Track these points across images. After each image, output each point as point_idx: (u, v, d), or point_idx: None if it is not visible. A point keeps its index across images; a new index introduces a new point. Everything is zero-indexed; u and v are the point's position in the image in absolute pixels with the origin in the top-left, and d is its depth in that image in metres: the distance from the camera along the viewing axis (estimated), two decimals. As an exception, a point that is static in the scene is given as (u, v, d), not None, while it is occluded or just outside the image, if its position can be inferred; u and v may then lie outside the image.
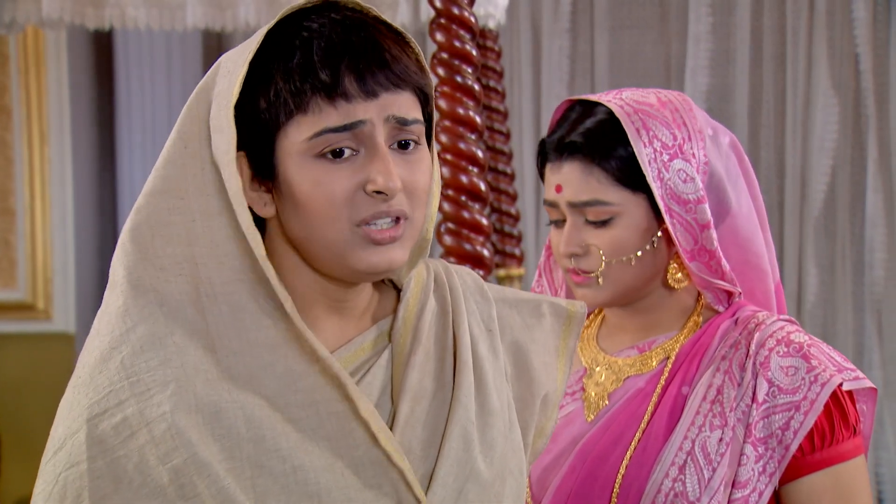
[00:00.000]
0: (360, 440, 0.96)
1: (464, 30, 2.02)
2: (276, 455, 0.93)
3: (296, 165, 0.95)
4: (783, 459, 1.25)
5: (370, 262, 0.96)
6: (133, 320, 0.95)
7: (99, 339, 0.97)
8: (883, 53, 3.47)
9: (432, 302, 1.06)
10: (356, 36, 0.95)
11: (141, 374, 0.93)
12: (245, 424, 0.93)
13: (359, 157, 0.95)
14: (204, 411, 0.93)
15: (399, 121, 0.96)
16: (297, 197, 0.96)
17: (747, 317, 1.33)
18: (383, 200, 0.95)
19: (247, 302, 0.97)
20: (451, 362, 1.04)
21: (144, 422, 0.92)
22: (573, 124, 1.33)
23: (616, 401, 1.34)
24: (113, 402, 0.93)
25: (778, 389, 1.26)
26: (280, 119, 0.95)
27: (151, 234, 0.98)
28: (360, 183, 0.95)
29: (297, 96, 0.94)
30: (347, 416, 0.96)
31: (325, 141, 0.94)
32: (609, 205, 1.29)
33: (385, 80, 0.95)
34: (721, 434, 1.26)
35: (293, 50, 0.95)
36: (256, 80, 0.95)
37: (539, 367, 1.11)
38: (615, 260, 1.30)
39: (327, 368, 0.97)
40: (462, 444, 1.00)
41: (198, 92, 1.01)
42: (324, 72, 0.94)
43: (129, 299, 0.96)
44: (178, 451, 0.91)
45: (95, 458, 0.92)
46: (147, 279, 0.97)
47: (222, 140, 0.96)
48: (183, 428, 0.92)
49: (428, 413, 1.01)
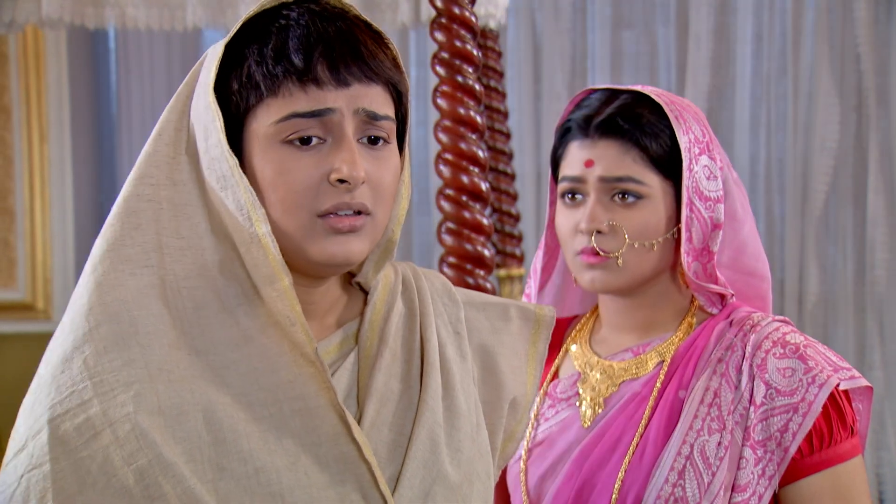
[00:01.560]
0: (326, 437, 0.96)
1: (465, 29, 2.01)
2: (238, 457, 0.93)
3: (261, 150, 0.95)
4: (782, 462, 1.24)
5: (328, 252, 0.96)
6: (96, 319, 0.94)
7: (63, 337, 0.96)
8: (884, 53, 3.46)
9: (400, 304, 1.06)
10: (333, 27, 0.96)
11: (104, 375, 0.92)
12: (206, 427, 0.92)
13: (325, 146, 0.96)
14: (166, 413, 0.92)
15: (369, 114, 0.96)
16: (259, 183, 0.95)
17: (742, 318, 1.32)
18: (346, 191, 0.95)
19: (210, 299, 0.96)
20: (419, 364, 1.04)
21: (108, 422, 0.91)
22: (603, 105, 1.33)
23: (612, 406, 1.32)
24: (76, 403, 0.92)
25: (776, 391, 1.25)
26: (250, 102, 0.95)
27: (121, 223, 0.98)
28: (325, 172, 0.95)
29: (268, 79, 0.94)
30: (315, 412, 0.96)
31: (293, 126, 0.94)
32: (642, 184, 1.29)
33: (358, 71, 0.96)
34: (720, 438, 1.25)
35: (269, 35, 0.95)
36: (231, 65, 0.96)
37: (507, 371, 1.11)
38: (638, 243, 1.29)
39: (306, 356, 0.96)
40: (429, 446, 1.00)
41: (183, 84, 1.02)
42: (297, 57, 0.94)
43: (93, 297, 0.95)
44: (143, 452, 0.90)
45: (59, 458, 0.91)
46: (112, 274, 0.96)
47: (211, 127, 0.96)
48: (146, 429, 0.91)
49: (394, 415, 1.01)
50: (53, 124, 3.52)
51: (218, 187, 0.96)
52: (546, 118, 3.71)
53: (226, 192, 0.95)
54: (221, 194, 0.96)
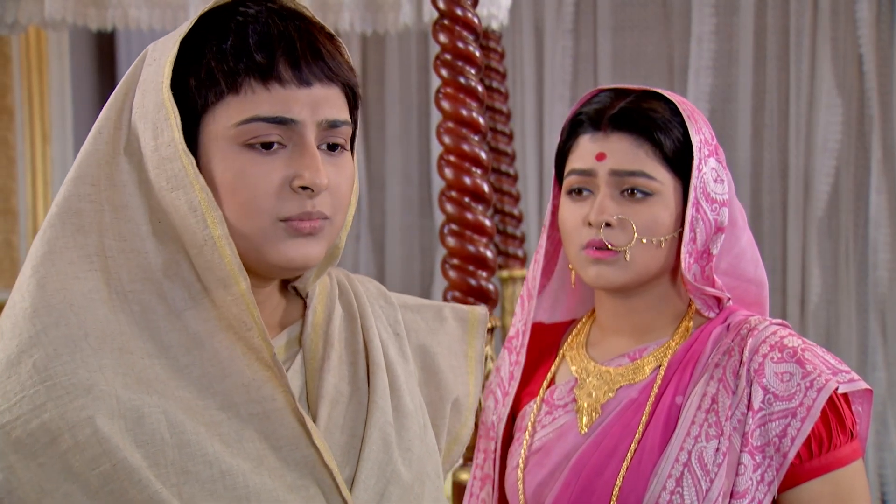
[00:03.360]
0: (285, 440, 0.94)
1: (467, 31, 2.01)
2: (202, 460, 0.90)
3: (220, 152, 0.93)
4: (781, 467, 1.23)
5: (287, 255, 0.94)
6: (43, 322, 0.90)
7: (3, 342, 0.91)
8: (887, 54, 3.46)
9: (339, 308, 1.05)
10: (292, 26, 0.95)
11: (58, 378, 0.89)
12: (168, 429, 0.90)
13: (286, 151, 0.94)
14: (126, 416, 0.89)
15: (330, 123, 0.96)
16: (216, 185, 0.93)
17: (739, 322, 1.31)
18: (309, 197, 0.94)
19: (156, 303, 0.94)
20: (364, 366, 1.03)
21: (67, 426, 0.88)
22: (615, 100, 1.32)
23: (609, 412, 1.31)
24: (27, 408, 0.88)
25: (773, 396, 1.24)
26: (209, 99, 0.93)
27: (62, 223, 0.95)
28: (287, 178, 0.93)
29: (229, 76, 0.92)
30: (272, 415, 0.94)
31: (255, 130, 0.93)
32: (653, 179, 1.29)
33: (319, 71, 0.95)
34: (717, 444, 1.23)
35: (228, 32, 0.94)
36: (187, 62, 0.94)
37: (447, 371, 1.11)
38: (646, 239, 1.28)
39: (262, 360, 0.94)
40: (382, 446, 0.99)
41: (122, 82, 0.99)
42: (259, 54, 0.93)
43: (36, 300, 0.91)
44: (106, 457, 0.87)
45: (13, 467, 0.87)
46: (55, 277, 0.92)
47: (163, 125, 0.93)
48: (107, 433, 0.87)
49: (345, 417, 1.00)
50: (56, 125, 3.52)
51: (168, 188, 0.93)
52: (549, 119, 3.71)
53: (177, 193, 0.93)
54: (172, 195, 0.93)
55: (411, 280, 3.90)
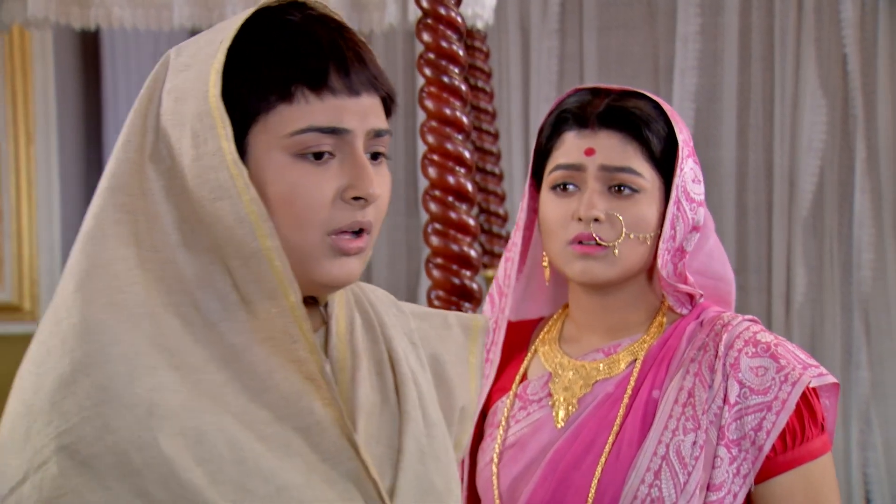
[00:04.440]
0: (329, 454, 0.93)
1: (451, 30, 2.01)
2: (259, 476, 0.89)
3: (272, 162, 0.92)
4: (757, 460, 1.25)
5: (333, 273, 0.94)
6: (95, 339, 0.88)
7: (52, 360, 0.88)
8: (871, 54, 3.47)
9: (357, 317, 1.04)
10: (337, 34, 0.94)
11: (119, 398, 0.86)
12: (225, 446, 0.88)
13: (336, 161, 0.93)
14: (186, 434, 0.87)
15: (376, 132, 0.95)
16: (268, 197, 0.92)
17: (712, 318, 1.33)
18: (360, 208, 0.93)
19: (193, 316, 0.91)
20: (391, 375, 1.02)
21: (133, 447, 0.85)
22: (599, 98, 1.33)
23: (586, 406, 1.32)
24: (90, 429, 0.85)
25: (749, 390, 1.26)
26: (260, 108, 0.92)
27: (102, 235, 0.92)
28: (340, 188, 0.93)
29: (281, 85, 0.91)
30: (314, 429, 0.93)
31: (309, 140, 0.92)
32: (640, 176, 1.30)
33: (366, 80, 0.94)
34: (695, 437, 1.25)
35: (275, 39, 0.92)
36: (230, 69, 0.91)
37: (455, 379, 1.11)
38: (633, 234, 1.30)
39: (305, 372, 0.93)
40: (418, 457, 0.99)
41: (145, 89, 0.97)
42: (311, 63, 0.92)
43: (85, 316, 0.89)
44: (173, 477, 0.85)
45: (79, 490, 0.84)
46: (101, 291, 0.90)
47: (209, 134, 0.90)
48: (172, 454, 0.86)
49: (379, 428, 0.99)
50: (40, 125, 3.51)
51: (210, 198, 0.91)
52: (534, 119, 3.71)
53: (221, 203, 0.90)
54: (215, 205, 0.91)
55: (397, 280, 3.90)
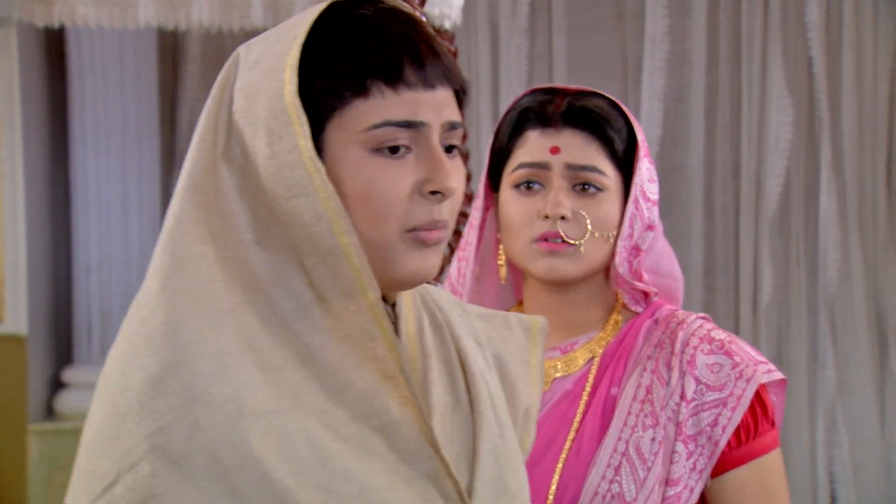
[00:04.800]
0: (407, 453, 0.91)
1: (415, 30, 2.00)
2: (342, 477, 0.87)
3: (349, 158, 0.90)
4: (713, 455, 1.27)
5: (414, 267, 0.92)
6: (183, 338, 0.87)
7: (139, 360, 0.87)
8: (836, 57, 3.51)
9: (425, 316, 1.03)
10: (409, 26, 0.92)
11: (209, 397, 0.85)
12: (308, 446, 0.86)
13: (412, 155, 0.91)
14: (274, 435, 0.86)
15: (451, 125, 0.94)
16: (344, 192, 0.90)
17: (667, 316, 1.34)
18: (438, 202, 0.91)
19: (269, 314, 0.90)
20: (461, 376, 1.01)
21: (226, 447, 0.84)
22: (559, 98, 1.34)
23: (545, 404, 1.32)
24: (181, 429, 0.84)
25: (706, 387, 1.28)
26: (335, 104, 0.90)
27: (182, 234, 0.91)
28: (418, 182, 0.91)
29: (357, 80, 0.89)
30: (392, 428, 0.91)
31: (386, 134, 0.90)
32: (604, 175, 1.31)
33: (440, 72, 0.92)
34: (653, 433, 1.26)
35: (349, 34, 0.91)
36: (307, 66, 0.90)
37: (517, 380, 1.10)
38: (598, 233, 1.31)
39: (384, 370, 0.91)
40: (493, 458, 0.97)
41: (215, 88, 0.95)
42: (386, 57, 0.90)
43: (171, 315, 0.88)
44: (265, 478, 0.84)
45: (171, 491, 0.83)
46: (185, 290, 0.89)
47: (284, 132, 0.89)
48: (262, 454, 0.84)
49: (452, 428, 0.97)
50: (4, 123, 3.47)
51: (287, 196, 0.89)
52: (504, 119, 3.72)
53: (298, 201, 0.89)
54: (292, 203, 0.89)
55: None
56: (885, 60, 3.47)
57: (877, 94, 3.48)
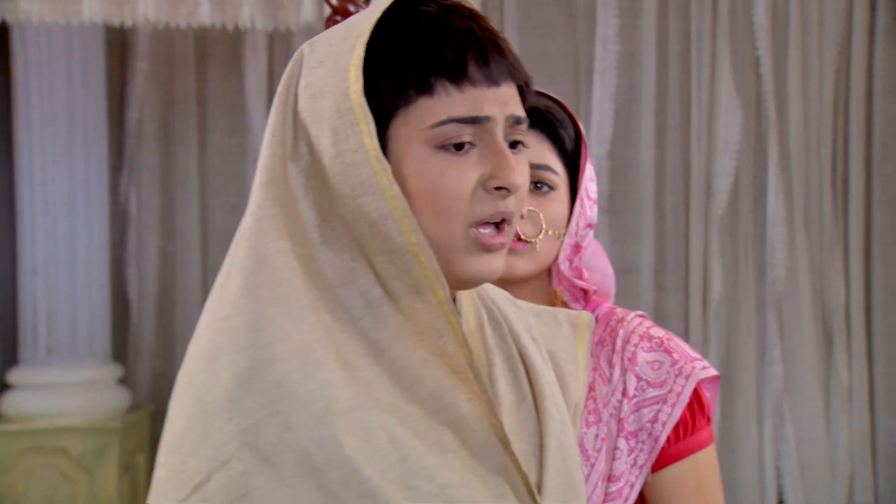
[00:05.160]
0: (478, 449, 0.91)
1: (364, 28, 1.98)
2: (423, 474, 0.87)
3: (413, 156, 0.90)
4: (653, 451, 1.28)
5: (475, 269, 0.92)
6: (269, 336, 0.87)
7: (225, 357, 0.87)
8: (782, 58, 3.55)
9: (483, 313, 1.03)
10: (473, 23, 0.92)
11: (298, 395, 0.85)
12: (390, 443, 0.86)
13: (475, 151, 0.91)
14: (359, 432, 0.86)
15: (515, 120, 0.93)
16: (409, 190, 0.90)
17: (606, 314, 1.36)
18: (502, 198, 0.91)
19: (340, 312, 0.90)
20: (523, 372, 1.01)
21: (315, 445, 0.84)
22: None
23: None
24: (271, 427, 0.84)
25: (646, 384, 1.29)
26: (399, 102, 0.90)
27: (261, 230, 0.91)
28: (482, 178, 0.91)
29: (421, 79, 0.89)
30: (462, 423, 0.91)
31: (450, 131, 0.90)
32: (557, 174, 1.33)
33: (504, 69, 0.92)
34: (596, 430, 1.28)
35: (413, 32, 0.90)
36: (371, 64, 0.90)
37: (568, 376, 1.10)
38: (551, 231, 1.32)
39: (453, 366, 0.91)
40: (559, 454, 0.98)
41: (281, 85, 0.95)
42: (450, 55, 0.90)
43: (256, 312, 0.88)
44: (355, 476, 0.84)
45: (262, 489, 0.83)
46: (268, 287, 0.89)
47: (350, 131, 0.89)
48: (351, 452, 0.84)
49: (519, 425, 0.97)
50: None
51: (352, 194, 0.89)
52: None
53: (365, 200, 0.89)
54: (358, 202, 0.89)
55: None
56: (831, 61, 3.52)
57: (822, 95, 3.53)
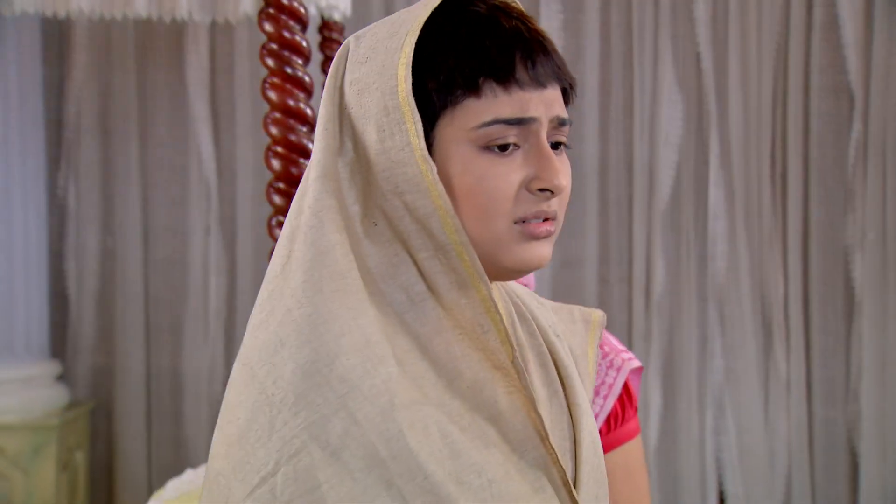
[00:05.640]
0: (517, 443, 0.91)
1: (293, 20, 1.99)
2: (472, 469, 0.87)
3: (458, 156, 0.91)
4: None
5: (523, 258, 0.93)
6: (333, 330, 0.87)
7: (289, 350, 0.87)
8: (722, 52, 3.58)
9: (513, 309, 1.03)
10: (521, 24, 0.92)
11: (364, 390, 0.85)
12: (442, 438, 0.87)
13: (520, 153, 0.92)
14: (416, 427, 0.86)
15: (560, 121, 0.94)
16: (454, 190, 0.91)
17: None
18: (545, 199, 0.92)
19: (385, 307, 0.91)
20: (553, 368, 1.02)
21: (382, 439, 0.85)
22: None
23: None
24: (339, 421, 0.85)
25: None
26: (447, 103, 0.90)
27: (320, 223, 0.90)
28: (526, 179, 0.91)
29: (469, 79, 0.90)
30: (502, 417, 0.91)
31: (495, 132, 0.90)
32: None
33: (550, 71, 0.93)
34: None
35: (461, 32, 0.90)
36: (419, 63, 0.90)
37: (584, 374, 1.11)
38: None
39: (494, 361, 0.91)
40: (592, 449, 0.99)
41: (329, 78, 0.95)
42: (498, 56, 0.90)
43: (318, 306, 0.88)
44: (420, 470, 0.84)
45: (330, 482, 0.83)
46: (328, 279, 0.89)
47: (396, 129, 0.89)
48: (415, 447, 0.85)
49: (552, 420, 0.98)
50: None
51: (397, 191, 0.90)
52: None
53: (410, 197, 0.90)
54: (404, 199, 0.90)
55: (262, 275, 3.84)
56: (769, 57, 3.55)
57: (761, 91, 3.56)
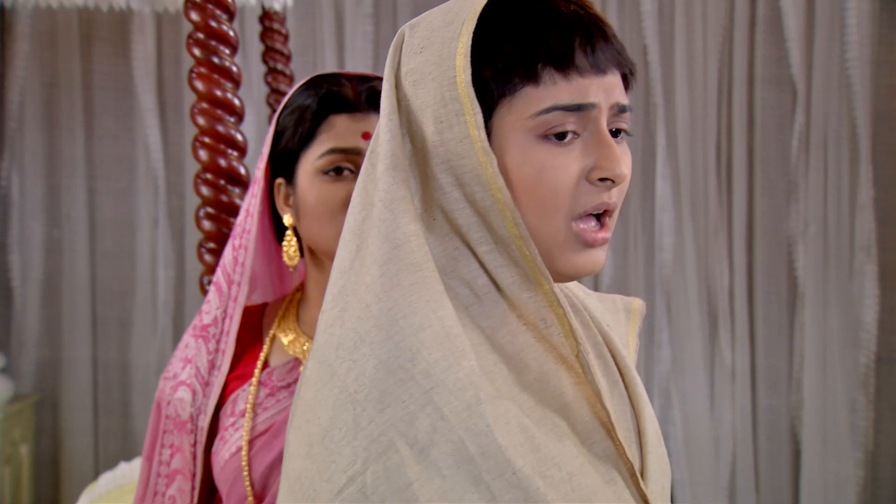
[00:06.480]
0: (584, 435, 0.90)
1: (220, 10, 1.97)
2: (552, 462, 0.85)
3: (517, 146, 0.88)
4: None
5: (577, 264, 0.90)
6: (414, 324, 0.84)
7: (369, 346, 0.85)
8: (668, 45, 3.60)
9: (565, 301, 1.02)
10: (580, 8, 0.90)
11: (449, 385, 0.83)
12: (521, 433, 0.85)
13: (579, 142, 0.89)
14: (500, 422, 0.84)
15: (620, 108, 0.91)
16: (513, 182, 0.88)
17: None
18: (606, 189, 0.89)
19: (451, 300, 0.88)
20: (611, 358, 1.00)
21: (470, 436, 0.82)
22: (353, 84, 1.35)
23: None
24: (425, 418, 0.82)
25: None
26: (505, 91, 0.87)
27: (393, 215, 0.88)
28: (585, 169, 0.88)
29: (528, 67, 0.87)
30: (568, 409, 0.90)
31: (553, 120, 0.87)
32: None
33: (610, 57, 0.90)
34: None
35: (518, 19, 0.88)
36: (476, 51, 0.87)
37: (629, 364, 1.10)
38: None
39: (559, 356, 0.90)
40: (656, 440, 0.98)
41: (387, 68, 0.93)
42: (557, 42, 0.87)
43: (397, 300, 0.85)
44: (508, 466, 0.82)
45: (420, 480, 0.81)
46: (405, 273, 0.86)
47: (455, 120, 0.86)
48: (504, 443, 0.83)
49: (615, 411, 0.96)
50: None
51: (456, 184, 0.88)
52: (349, 103, 3.69)
53: (469, 190, 0.87)
54: (464, 191, 0.88)
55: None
56: (715, 50, 3.57)
57: (706, 83, 3.58)
